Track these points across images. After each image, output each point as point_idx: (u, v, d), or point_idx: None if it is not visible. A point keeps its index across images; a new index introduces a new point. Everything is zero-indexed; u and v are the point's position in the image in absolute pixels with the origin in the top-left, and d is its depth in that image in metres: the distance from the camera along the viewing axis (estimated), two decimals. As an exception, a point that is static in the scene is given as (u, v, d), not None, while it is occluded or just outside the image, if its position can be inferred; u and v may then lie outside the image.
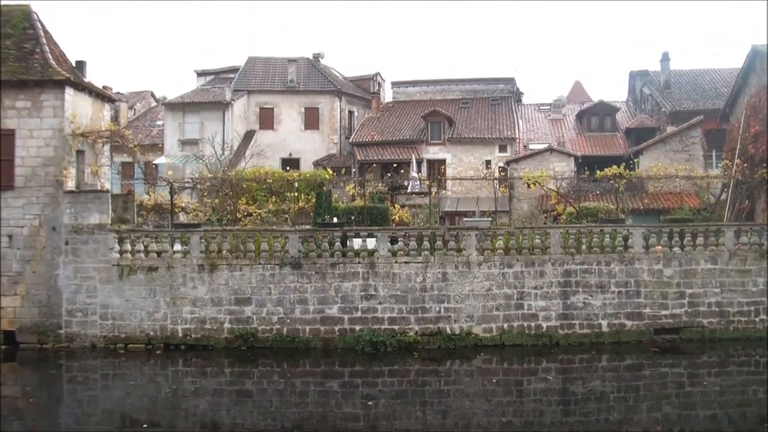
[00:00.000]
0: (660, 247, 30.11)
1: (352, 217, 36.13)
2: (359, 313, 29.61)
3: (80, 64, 37.30)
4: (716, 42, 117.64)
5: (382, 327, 29.40)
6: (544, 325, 29.68)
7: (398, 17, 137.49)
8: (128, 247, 30.52)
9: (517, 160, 47.46)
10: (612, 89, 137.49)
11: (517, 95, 61.19)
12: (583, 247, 30.19)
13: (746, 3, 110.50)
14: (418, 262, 29.82)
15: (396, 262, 29.80)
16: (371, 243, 30.38)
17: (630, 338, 29.58)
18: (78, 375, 28.49)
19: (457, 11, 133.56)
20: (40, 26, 33.46)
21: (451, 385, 25.96)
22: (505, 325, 29.62)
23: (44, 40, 32.89)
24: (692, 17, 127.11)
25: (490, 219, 36.10)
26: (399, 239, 30.59)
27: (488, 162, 50.74)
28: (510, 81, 61.21)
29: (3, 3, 34.10)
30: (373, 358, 28.27)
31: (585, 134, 53.47)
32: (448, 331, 29.49)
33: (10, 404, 25.46)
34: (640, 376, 26.41)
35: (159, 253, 30.37)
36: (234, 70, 63.42)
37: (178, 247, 30.62)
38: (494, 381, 26.18)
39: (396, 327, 29.45)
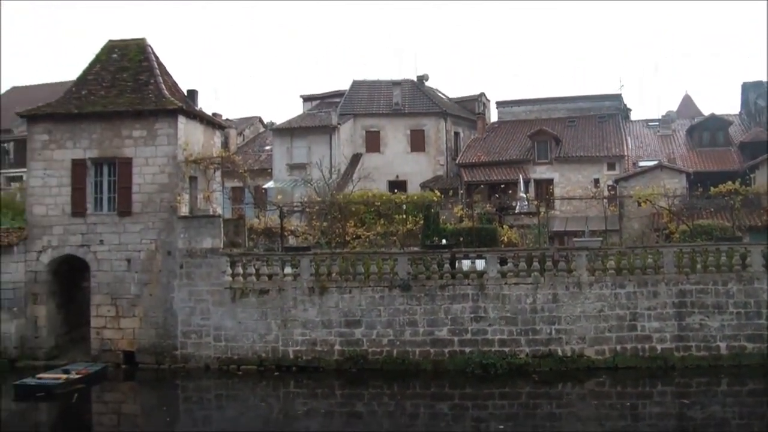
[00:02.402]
0: (781, 266, 29.04)
1: (461, 239, 36.03)
2: (469, 335, 29.48)
3: (192, 93, 38.37)
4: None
5: (492, 349, 29.20)
6: (659, 347, 28.95)
7: (501, 37, 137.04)
8: (240, 270, 31.15)
9: (626, 178, 46.60)
10: (724, 102, 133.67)
11: (625, 112, 60.07)
12: (698, 266, 29.45)
13: None
14: (527, 283, 29.57)
15: (506, 283, 29.62)
16: (480, 264, 30.28)
17: (751, 361, 28.47)
18: (193, 395, 29.27)
19: (561, 30, 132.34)
20: (154, 58, 34.72)
21: (563, 408, 25.62)
22: (618, 347, 29.03)
23: (158, 72, 34.09)
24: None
25: (601, 239, 35.52)
26: (508, 260, 30.35)
27: (597, 180, 49.94)
28: (617, 98, 60.21)
29: (119, 38, 35.54)
30: (484, 380, 28.06)
31: (696, 150, 51.91)
32: (560, 353, 29.08)
33: (130, 421, 26.52)
34: (763, 402, 25.46)
35: (270, 276, 30.92)
36: (339, 94, 64.09)
37: (288, 270, 31.08)
38: (608, 404, 25.72)
39: (506, 349, 29.20)
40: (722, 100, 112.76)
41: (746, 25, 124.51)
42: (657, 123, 57.86)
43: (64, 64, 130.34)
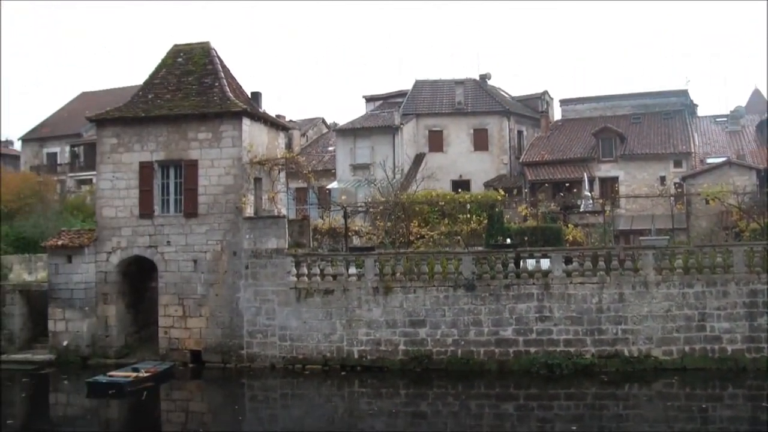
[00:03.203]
0: None
1: (525, 238, 35.72)
2: (534, 335, 29.26)
3: (255, 95, 38.80)
4: None
5: (558, 349, 28.95)
6: (729, 348, 28.35)
7: (563, 35, 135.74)
8: (305, 270, 31.37)
9: (693, 176, 45.83)
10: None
11: (691, 108, 58.95)
12: (771, 265, 28.71)
13: None
14: (593, 283, 29.23)
15: (571, 282, 29.33)
16: (545, 264, 30.04)
17: (825, 363, 27.69)
18: (259, 394, 29.58)
19: (625, 26, 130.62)
20: (218, 61, 35.18)
21: (630, 410, 25.25)
22: (687, 348, 28.51)
23: (222, 75, 34.50)
24: None
25: (668, 237, 35.00)
26: (573, 259, 30.03)
27: (663, 178, 49.15)
28: (683, 93, 59.11)
29: (184, 42, 36.08)
30: (549, 380, 27.84)
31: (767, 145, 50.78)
32: (626, 353, 28.66)
33: (198, 419, 26.91)
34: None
35: (334, 276, 31.07)
36: (402, 94, 64.15)
37: (352, 270, 31.23)
38: (676, 406, 25.29)
39: (572, 349, 28.91)
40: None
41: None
42: (725, 119, 56.70)
43: (131, 69, 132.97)
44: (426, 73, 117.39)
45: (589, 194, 47.18)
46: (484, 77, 63.68)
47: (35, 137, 77.45)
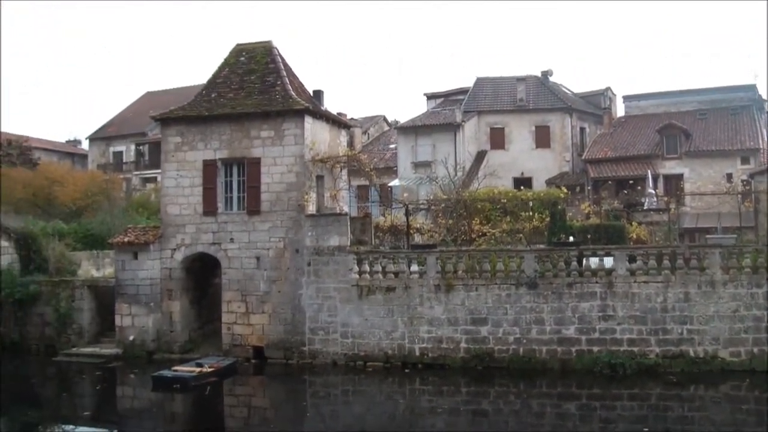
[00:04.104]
0: None
1: (588, 236, 35.40)
2: (597, 334, 28.91)
3: (317, 94, 38.92)
4: None
5: (621, 349, 28.54)
6: (800, 350, 27.61)
7: (626, 32, 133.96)
8: (367, 267, 31.45)
9: (762, 172, 44.76)
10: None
11: (760, 103, 57.57)
12: None
13: None
14: (658, 282, 28.75)
15: (635, 281, 28.88)
16: (608, 262, 29.68)
17: None
18: (320, 390, 29.73)
19: (688, 20, 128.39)
20: (280, 60, 35.42)
21: (695, 412, 24.82)
22: (755, 350, 27.83)
23: (284, 73, 34.73)
24: None
25: (735, 236, 34.27)
26: (637, 258, 29.59)
27: (729, 175, 48.13)
28: (751, 88, 57.78)
29: (246, 41, 36.42)
30: (612, 380, 27.47)
31: (840, 142, 49.45)
32: (692, 354, 28.13)
33: (259, 414, 27.26)
34: None
35: (396, 274, 31.09)
36: (463, 91, 64.00)
37: (414, 267, 31.19)
38: (744, 410, 24.80)
39: (635, 349, 28.48)
40: None
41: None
42: (796, 114, 55.31)
43: (194, 69, 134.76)
44: (487, 70, 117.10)
45: (653, 192, 46.49)
46: (546, 74, 63.27)
47: (102, 136, 79.10)
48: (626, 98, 63.04)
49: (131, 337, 33.74)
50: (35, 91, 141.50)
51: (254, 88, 34.43)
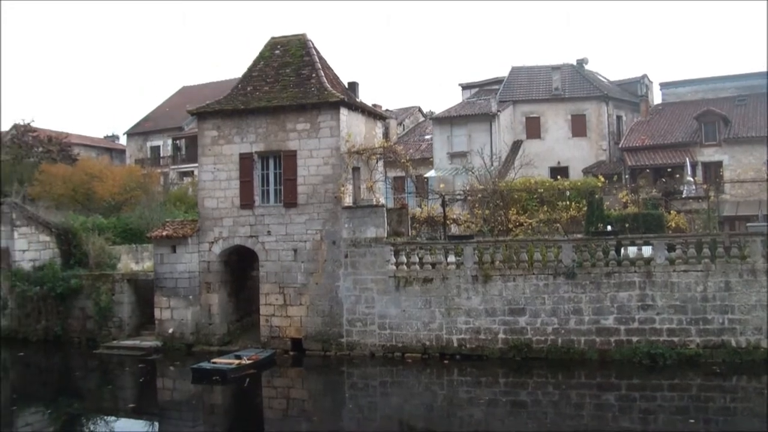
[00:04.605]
0: None
1: (626, 225, 35.12)
2: (636, 324, 28.65)
3: (352, 86, 38.95)
4: None
5: (661, 339, 28.27)
6: None
7: (662, 17, 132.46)
8: (404, 259, 31.44)
9: (804, 159, 44.15)
10: None
11: (802, 88, 56.80)
12: None
13: None
14: (697, 271, 28.39)
15: (674, 270, 28.54)
16: (647, 251, 29.40)
17: None
18: (358, 382, 29.78)
19: (725, 5, 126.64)
20: (315, 53, 35.47)
21: (737, 403, 24.49)
22: (799, 339, 27.42)
23: (319, 66, 34.75)
24: None
25: (776, 223, 33.76)
26: (676, 246, 29.27)
27: (771, 162, 47.48)
28: (792, 73, 56.95)
29: (281, 34, 36.52)
30: (652, 370, 27.24)
31: None
32: (733, 344, 27.74)
33: (298, 405, 27.43)
34: None
35: (433, 265, 31.05)
36: (498, 81, 63.81)
37: (451, 258, 31.13)
38: (788, 400, 24.35)
39: (675, 339, 28.19)
40: None
41: None
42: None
43: (229, 63, 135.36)
44: (522, 59, 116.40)
45: (691, 179, 46.07)
46: (582, 62, 62.96)
47: (139, 131, 79.89)
48: (663, 85, 62.50)
49: (170, 330, 34.08)
50: (74, 89, 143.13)
51: (289, 81, 34.50)
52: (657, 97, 63.42)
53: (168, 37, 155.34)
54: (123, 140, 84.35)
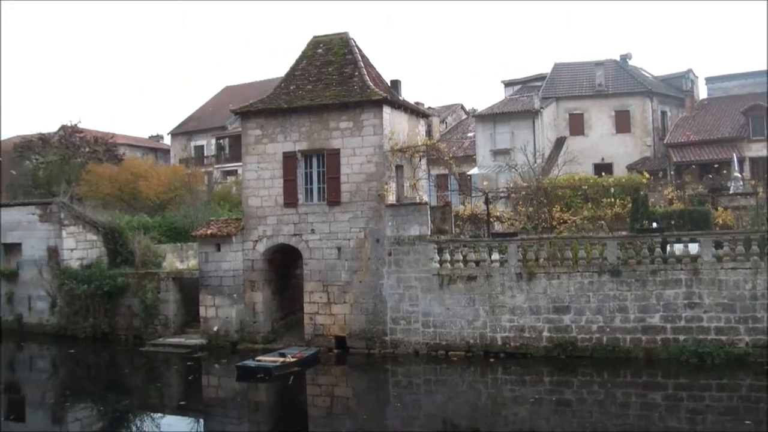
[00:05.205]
0: None
1: (672, 222, 34.70)
2: (683, 323, 28.30)
3: (395, 83, 38.90)
4: None
5: (708, 337, 27.88)
6: None
7: (707, 10, 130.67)
8: (447, 257, 31.39)
9: None
10: None
11: None
12: None
13: None
14: (746, 268, 27.93)
15: (721, 268, 28.12)
16: (693, 248, 29.01)
17: None
18: (402, 379, 29.79)
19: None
20: (357, 51, 35.51)
21: (790, 404, 24.03)
22: None
23: (362, 64, 34.79)
24: None
25: (828, 219, 33.12)
26: (724, 243, 28.84)
27: (821, 157, 46.63)
28: (844, 66, 55.93)
29: (323, 33, 36.62)
30: (699, 370, 26.87)
31: None
32: (784, 343, 27.25)
33: (342, 403, 27.50)
34: None
35: (477, 263, 30.96)
36: (540, 78, 63.43)
37: (495, 256, 30.99)
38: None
39: (723, 338, 27.77)
40: None
41: None
42: None
43: (273, 61, 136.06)
44: (565, 55, 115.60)
45: (739, 175, 45.33)
46: (625, 57, 62.36)
47: (183, 131, 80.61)
48: (709, 80, 61.61)
49: (215, 328, 34.35)
50: (120, 89, 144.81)
51: (332, 79, 34.58)
52: (702, 92, 62.57)
53: (211, 37, 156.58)
54: (167, 140, 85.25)
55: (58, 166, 60.41)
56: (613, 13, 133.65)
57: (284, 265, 35.43)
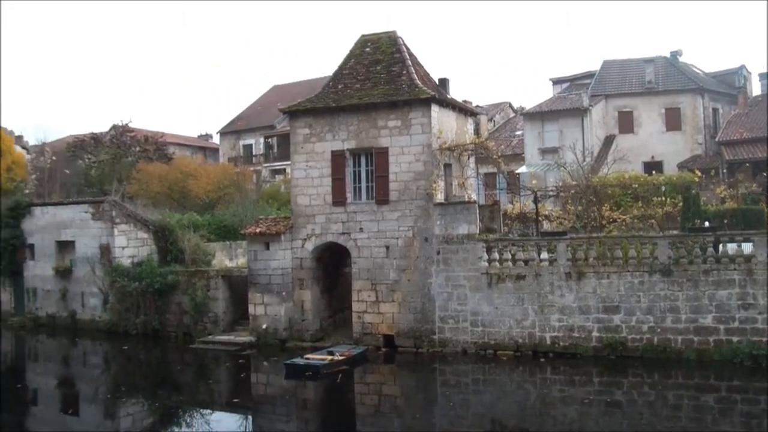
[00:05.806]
0: None
1: (724, 221, 34.23)
2: (736, 324, 27.84)
3: (443, 82, 38.88)
4: None
5: (763, 339, 27.32)
6: None
7: (759, 5, 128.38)
8: (496, 255, 31.26)
9: None
10: None
11: None
12: None
13: None
14: (802, 269, 27.43)
15: (777, 268, 27.64)
16: (747, 248, 28.52)
17: None
18: (450, 379, 29.71)
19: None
20: (405, 50, 35.48)
21: None
22: None
23: (410, 63, 34.75)
24: None
25: None
26: (779, 243, 28.34)
27: None
28: None
29: (371, 32, 36.71)
30: (754, 372, 26.38)
31: None
32: (843, 345, 26.66)
33: (390, 402, 27.49)
34: None
35: (526, 262, 30.81)
36: (589, 75, 62.90)
37: (544, 255, 30.81)
38: None
39: (779, 339, 27.28)
40: None
41: None
42: None
43: (321, 60, 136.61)
44: (614, 52, 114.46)
45: (794, 173, 44.55)
46: (675, 54, 61.51)
47: (232, 130, 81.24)
48: (762, 76, 60.51)
49: (264, 326, 34.57)
50: (170, 90, 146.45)
51: (380, 78, 34.60)
52: (756, 89, 61.51)
53: (260, 37, 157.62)
54: (216, 139, 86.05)
55: (109, 165, 61.28)
56: (663, 10, 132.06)
57: (333, 263, 35.56)
